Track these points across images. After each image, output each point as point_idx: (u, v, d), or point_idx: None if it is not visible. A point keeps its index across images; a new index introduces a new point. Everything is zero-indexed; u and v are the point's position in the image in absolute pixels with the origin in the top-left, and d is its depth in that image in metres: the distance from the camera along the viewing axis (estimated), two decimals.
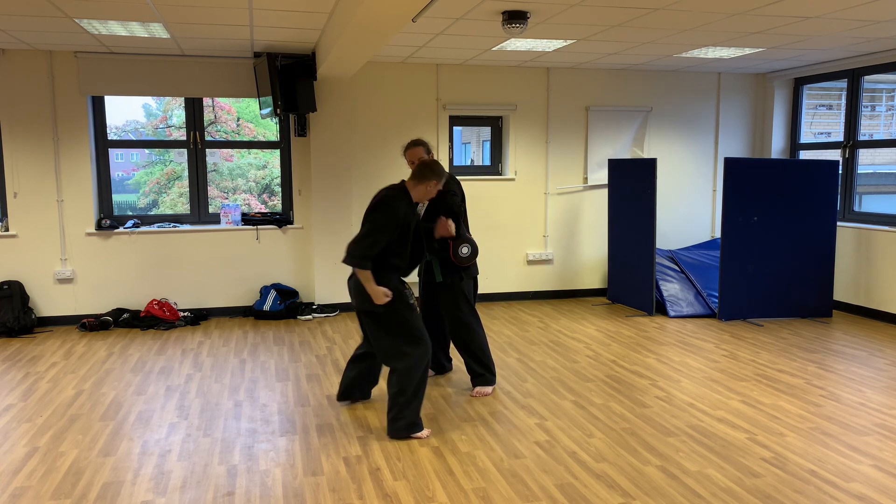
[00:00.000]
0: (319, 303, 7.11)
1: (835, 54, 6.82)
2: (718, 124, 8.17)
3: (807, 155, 7.99)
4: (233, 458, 3.61)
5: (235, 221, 7.09)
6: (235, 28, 5.51)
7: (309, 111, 6.59)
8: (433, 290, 4.68)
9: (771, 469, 3.45)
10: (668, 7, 4.91)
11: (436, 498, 3.17)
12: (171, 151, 10.83)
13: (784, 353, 5.56)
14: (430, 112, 7.40)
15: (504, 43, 6.16)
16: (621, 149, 7.90)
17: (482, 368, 4.61)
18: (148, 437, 3.88)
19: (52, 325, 6.64)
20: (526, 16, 5.05)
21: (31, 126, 6.45)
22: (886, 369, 5.12)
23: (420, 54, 6.75)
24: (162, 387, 4.78)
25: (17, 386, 4.82)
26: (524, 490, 3.24)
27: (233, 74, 6.79)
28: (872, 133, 7.80)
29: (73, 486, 3.29)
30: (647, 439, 3.82)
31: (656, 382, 4.82)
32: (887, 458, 3.59)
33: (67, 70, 6.46)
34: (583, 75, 7.71)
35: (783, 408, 4.31)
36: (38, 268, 6.59)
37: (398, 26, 4.42)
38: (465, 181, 7.54)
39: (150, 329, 6.48)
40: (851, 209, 7.26)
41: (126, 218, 6.94)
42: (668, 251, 7.72)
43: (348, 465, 3.52)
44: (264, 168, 11.54)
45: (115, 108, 9.14)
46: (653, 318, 6.82)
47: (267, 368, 5.21)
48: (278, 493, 3.23)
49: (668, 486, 3.28)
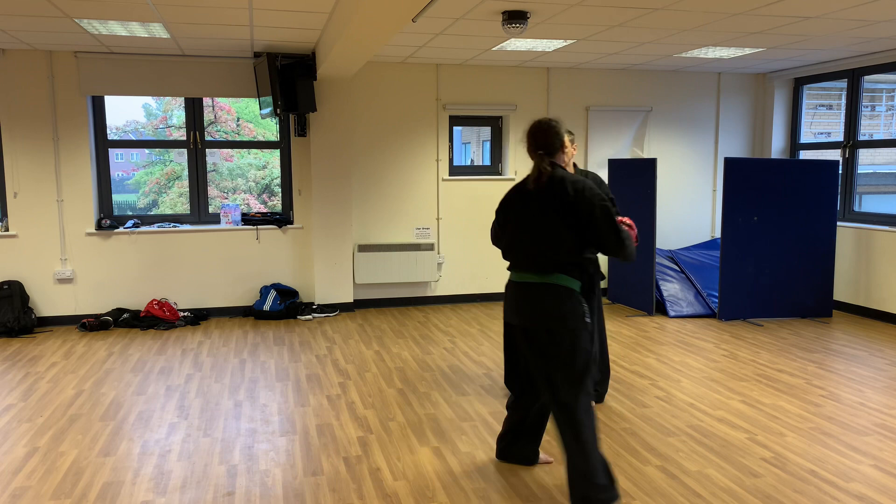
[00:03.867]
0: (319, 303, 7.11)
1: (835, 54, 6.82)
2: (718, 124, 8.17)
3: (807, 155, 7.99)
4: (233, 458, 3.61)
5: (235, 221, 7.09)
6: (235, 28, 5.51)
7: (309, 111, 6.59)
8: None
9: (771, 469, 3.45)
10: (668, 7, 4.91)
11: (436, 498, 3.17)
12: (171, 151, 10.84)
13: (784, 353, 5.56)
14: (430, 112, 7.40)
15: (504, 43, 6.16)
16: (621, 149, 7.90)
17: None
18: (148, 437, 3.88)
19: (52, 325, 6.64)
20: (526, 16, 5.05)
21: (31, 126, 6.45)
22: (886, 369, 5.12)
23: (420, 54, 6.75)
24: (162, 387, 4.78)
25: (17, 386, 4.82)
26: (524, 490, 3.24)
27: (233, 74, 6.79)
28: (872, 133, 7.80)
29: (73, 486, 3.29)
30: (647, 439, 3.82)
31: (656, 382, 4.82)
32: (887, 458, 3.59)
33: (67, 70, 6.46)
34: (583, 75, 7.71)
35: (783, 408, 4.31)
36: (38, 268, 6.59)
37: (398, 26, 4.42)
38: (466, 181, 7.54)
39: (150, 329, 6.48)
40: (851, 209, 7.26)
41: (126, 218, 6.94)
42: (668, 251, 7.72)
43: (348, 465, 3.52)
44: (264, 168, 11.54)
45: (115, 108, 9.14)
46: (653, 317, 6.82)
47: (267, 368, 5.21)
48: (278, 493, 3.23)
49: (668, 486, 3.28)
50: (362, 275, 7.22)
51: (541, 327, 3.02)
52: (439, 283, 7.58)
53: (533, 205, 3.08)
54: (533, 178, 3.09)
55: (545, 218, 3.03)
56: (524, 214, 3.11)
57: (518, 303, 3.11)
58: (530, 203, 3.10)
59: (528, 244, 3.08)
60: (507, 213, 3.21)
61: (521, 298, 3.10)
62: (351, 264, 7.20)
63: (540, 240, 3.05)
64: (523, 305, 3.08)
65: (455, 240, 7.57)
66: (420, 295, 7.54)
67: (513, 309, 3.15)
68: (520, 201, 3.15)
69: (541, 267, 3.05)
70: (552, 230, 3.01)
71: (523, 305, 3.08)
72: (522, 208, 3.12)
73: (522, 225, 3.11)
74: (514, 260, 3.16)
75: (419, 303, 7.55)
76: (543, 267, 3.05)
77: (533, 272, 3.07)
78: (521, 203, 3.14)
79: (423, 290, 7.55)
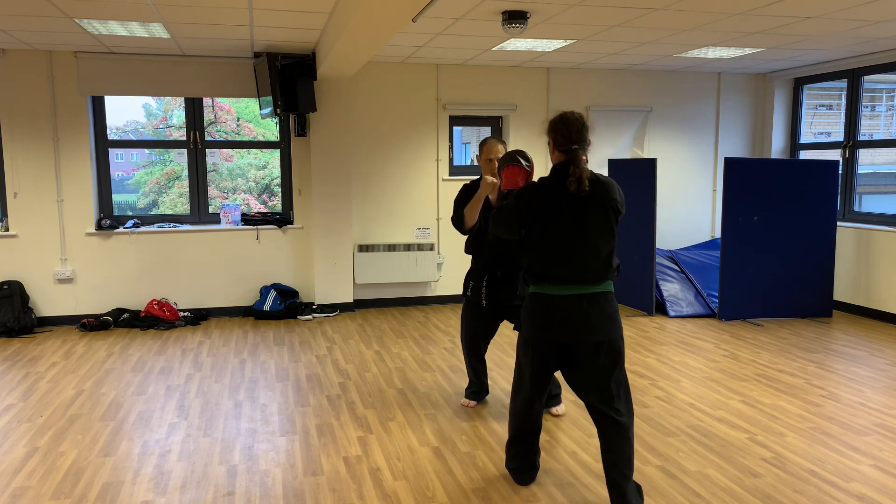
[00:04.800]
0: (319, 303, 7.11)
1: (835, 54, 6.81)
2: (718, 124, 8.17)
3: (807, 155, 7.99)
4: (233, 458, 3.61)
5: (235, 221, 7.10)
6: (235, 28, 5.51)
7: (309, 111, 6.59)
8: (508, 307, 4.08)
9: (771, 469, 3.45)
10: (668, 7, 4.91)
11: (436, 498, 3.17)
12: (171, 151, 10.83)
13: (784, 353, 5.56)
14: (430, 112, 7.40)
15: (504, 43, 6.16)
16: (621, 149, 7.90)
17: (556, 388, 4.21)
18: (148, 437, 3.88)
19: (52, 325, 6.63)
20: (526, 16, 5.05)
21: (31, 126, 6.45)
22: (886, 369, 5.12)
23: (420, 54, 6.75)
24: (162, 387, 4.78)
25: (17, 386, 4.81)
26: (524, 490, 3.24)
27: (233, 74, 6.79)
28: (872, 133, 7.80)
29: (73, 486, 3.29)
30: (647, 439, 3.82)
31: (656, 382, 4.82)
32: (887, 458, 3.59)
33: (67, 70, 6.46)
34: (583, 75, 7.71)
35: (783, 408, 4.31)
36: (38, 268, 6.59)
37: (398, 26, 4.42)
38: (465, 181, 7.53)
39: (150, 329, 6.48)
40: (851, 209, 7.26)
41: (126, 218, 6.94)
42: (668, 251, 7.72)
43: (348, 465, 3.52)
44: (264, 168, 11.54)
45: (115, 108, 9.14)
46: (653, 318, 6.82)
47: (267, 368, 5.21)
48: (278, 493, 3.23)
49: (668, 486, 3.28)
50: (362, 275, 7.22)
51: (608, 339, 2.86)
52: (439, 283, 7.58)
53: (579, 210, 2.84)
54: (575, 179, 2.82)
55: (594, 224, 2.83)
56: (570, 222, 2.84)
57: (573, 317, 2.86)
58: (576, 208, 2.84)
59: (580, 254, 2.84)
60: (543, 221, 2.89)
61: (577, 312, 2.85)
62: (351, 264, 7.20)
63: (593, 248, 2.83)
64: (583, 319, 2.84)
65: (455, 240, 7.56)
66: (420, 295, 7.54)
67: (561, 324, 2.87)
68: (560, 207, 2.86)
69: (596, 276, 2.85)
70: (603, 236, 2.84)
71: (583, 319, 2.84)
72: (568, 214, 2.85)
73: (569, 234, 2.84)
74: (561, 272, 2.87)
75: (419, 303, 7.55)
76: (597, 276, 2.86)
77: (584, 283, 2.85)
78: (563, 209, 2.85)
79: (423, 290, 7.55)
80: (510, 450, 3.30)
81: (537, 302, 2.95)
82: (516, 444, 3.27)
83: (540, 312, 2.93)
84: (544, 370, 3.04)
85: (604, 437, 2.95)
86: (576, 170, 2.85)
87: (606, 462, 2.95)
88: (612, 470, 2.93)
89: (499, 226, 3.10)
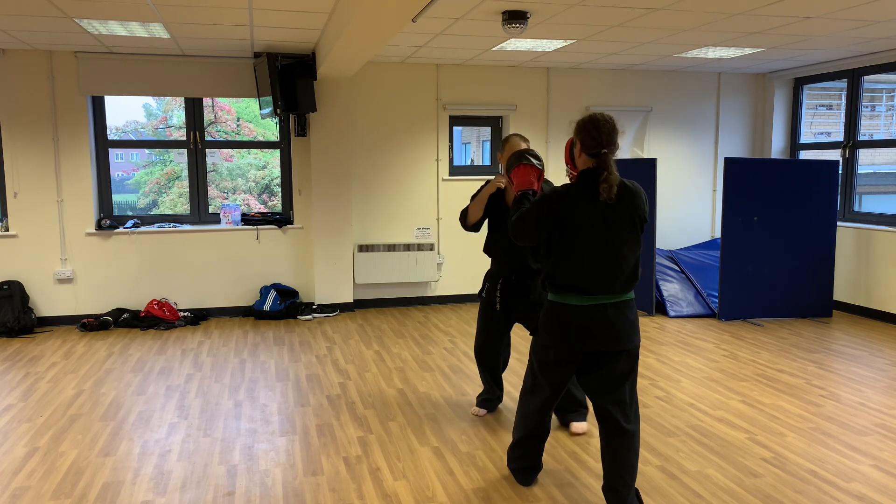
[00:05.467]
0: (319, 303, 7.11)
1: (835, 54, 6.81)
2: (718, 124, 8.17)
3: (807, 155, 7.99)
4: (233, 458, 3.61)
5: (235, 221, 7.09)
6: (235, 28, 5.51)
7: (309, 111, 6.59)
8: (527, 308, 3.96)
9: (771, 469, 3.45)
10: (668, 7, 4.91)
11: (436, 498, 3.17)
12: (171, 151, 10.83)
13: (784, 353, 5.56)
14: (430, 112, 7.40)
15: (504, 43, 6.16)
16: (621, 149, 7.87)
17: (576, 405, 4.01)
18: (148, 437, 3.88)
19: (52, 325, 6.63)
20: (526, 16, 5.05)
21: (31, 126, 6.44)
22: (886, 369, 5.12)
23: (420, 54, 6.75)
24: (162, 387, 4.78)
25: (17, 386, 4.81)
26: (524, 490, 3.24)
27: (233, 74, 6.79)
28: (872, 133, 7.80)
29: (73, 486, 3.29)
30: (647, 439, 3.82)
31: (656, 382, 4.82)
32: (887, 458, 3.59)
33: (67, 70, 6.46)
34: (583, 75, 7.71)
35: (783, 408, 4.31)
36: (38, 268, 6.59)
37: (398, 26, 4.42)
38: (466, 181, 7.54)
39: (150, 329, 6.48)
40: (851, 209, 7.25)
41: (126, 218, 6.94)
42: (668, 251, 7.72)
43: (348, 465, 3.52)
44: (264, 168, 11.53)
45: (115, 109, 9.12)
46: (653, 317, 6.82)
47: (267, 368, 5.21)
48: (278, 493, 3.23)
49: (668, 486, 3.28)
50: (362, 275, 7.22)
51: (631, 346, 2.83)
52: (439, 283, 7.58)
53: (607, 219, 2.76)
54: (608, 186, 2.72)
55: (622, 234, 2.76)
56: (598, 231, 2.75)
57: (599, 327, 2.79)
58: (604, 217, 2.76)
59: (608, 265, 2.76)
60: (569, 230, 2.78)
61: (603, 321, 2.78)
62: (351, 264, 7.20)
63: (622, 259, 2.76)
64: (609, 329, 2.78)
65: (455, 240, 7.56)
66: (420, 295, 7.54)
67: (586, 334, 2.80)
68: (588, 215, 2.76)
69: (622, 287, 2.79)
70: (630, 246, 2.78)
71: (609, 329, 2.78)
72: (596, 223, 2.76)
73: (597, 244, 2.76)
74: (587, 284, 2.78)
75: (419, 303, 7.55)
76: (623, 286, 2.79)
77: (612, 292, 2.79)
78: (590, 217, 2.76)
79: (423, 290, 7.55)
80: (515, 451, 3.29)
81: (560, 312, 2.86)
82: (523, 446, 3.25)
83: (563, 323, 2.85)
84: (564, 377, 2.98)
85: (608, 444, 2.91)
86: (609, 176, 2.74)
87: (609, 470, 2.92)
88: (613, 478, 2.91)
89: (519, 233, 2.97)
